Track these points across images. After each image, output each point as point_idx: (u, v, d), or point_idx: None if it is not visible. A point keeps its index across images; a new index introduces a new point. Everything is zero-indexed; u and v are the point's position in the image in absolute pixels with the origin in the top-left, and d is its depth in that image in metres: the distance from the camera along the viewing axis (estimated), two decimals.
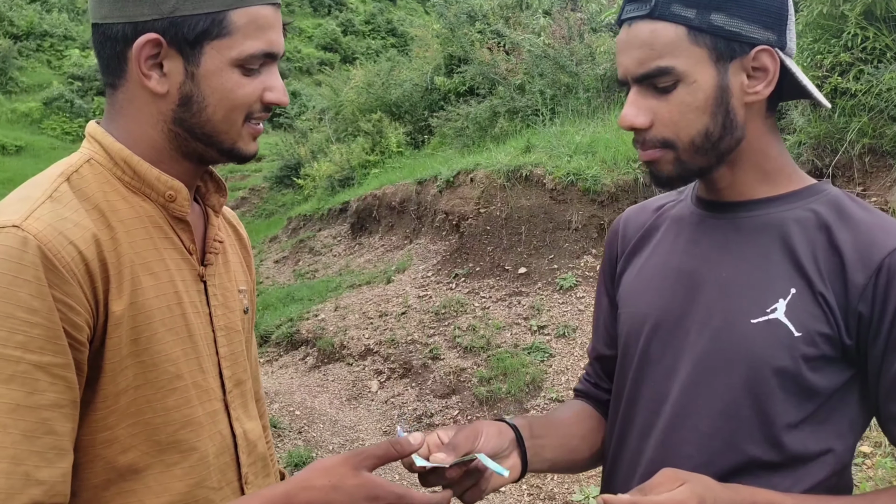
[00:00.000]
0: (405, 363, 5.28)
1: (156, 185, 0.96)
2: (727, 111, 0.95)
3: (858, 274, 0.92)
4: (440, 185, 7.05)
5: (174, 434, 0.94)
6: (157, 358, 0.92)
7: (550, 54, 8.64)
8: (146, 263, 0.93)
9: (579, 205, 6.00)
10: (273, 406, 4.91)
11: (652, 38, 0.93)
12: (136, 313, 0.91)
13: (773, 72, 0.94)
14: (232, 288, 1.09)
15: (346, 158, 10.66)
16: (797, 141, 4.77)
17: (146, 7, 0.91)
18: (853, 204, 0.98)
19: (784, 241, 0.97)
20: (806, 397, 0.95)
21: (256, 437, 1.09)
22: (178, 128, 0.96)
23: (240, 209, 14.56)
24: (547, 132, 7.28)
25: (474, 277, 6.09)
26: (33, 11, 27.23)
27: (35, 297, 0.81)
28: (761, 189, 1.01)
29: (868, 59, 4.40)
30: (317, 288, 7.31)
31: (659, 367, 1.05)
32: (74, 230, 0.86)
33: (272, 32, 0.96)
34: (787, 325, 0.94)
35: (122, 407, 0.90)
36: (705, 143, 0.96)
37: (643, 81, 0.95)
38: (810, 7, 4.65)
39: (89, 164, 0.95)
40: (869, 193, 4.45)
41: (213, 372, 1.02)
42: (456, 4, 10.98)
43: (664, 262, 1.08)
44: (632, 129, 0.98)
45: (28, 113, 21.96)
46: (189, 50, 0.92)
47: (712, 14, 0.91)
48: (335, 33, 34.70)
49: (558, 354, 4.96)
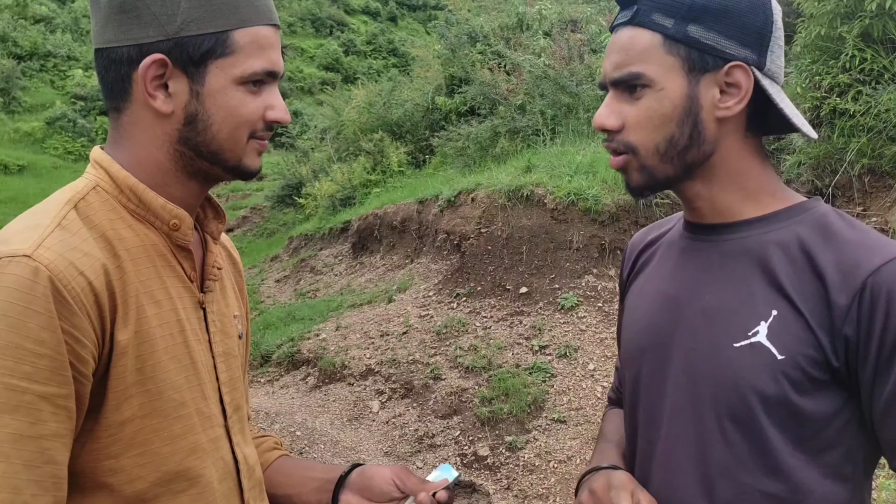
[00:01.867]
0: (406, 383, 5.27)
1: (161, 214, 0.97)
2: (695, 122, 0.95)
3: (841, 295, 0.90)
4: (441, 204, 7.08)
5: (182, 462, 0.94)
6: (162, 386, 0.93)
7: (551, 75, 8.71)
8: (150, 292, 0.94)
9: (580, 225, 6.02)
10: (274, 427, 4.88)
11: (629, 43, 0.96)
12: (141, 342, 0.91)
13: (745, 89, 0.94)
14: (228, 314, 1.10)
15: (347, 178, 10.70)
16: (797, 161, 4.80)
17: (151, 29, 0.92)
18: (841, 222, 0.96)
19: (764, 264, 0.96)
20: (797, 423, 0.93)
21: (254, 462, 1.10)
22: (184, 147, 0.97)
23: (241, 228, 14.60)
24: (548, 152, 7.32)
25: (476, 297, 6.09)
26: (37, 32, 27.42)
27: (44, 328, 0.81)
28: (744, 209, 1.00)
29: (866, 81, 4.44)
30: (318, 307, 7.30)
31: (649, 391, 1.05)
32: (84, 260, 0.86)
33: (273, 52, 0.98)
34: (769, 348, 0.92)
35: (128, 436, 0.90)
36: (669, 151, 0.97)
37: (618, 85, 0.98)
38: (809, 29, 4.70)
39: (95, 192, 0.95)
40: (869, 213, 4.46)
41: (215, 398, 1.02)
42: (457, 25, 11.08)
43: (655, 288, 1.09)
44: (603, 129, 1.00)
45: (31, 132, 22.01)
46: (194, 69, 0.93)
47: (689, 25, 0.93)
48: (337, 53, 34.99)
49: (560, 374, 4.95)
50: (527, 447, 4.42)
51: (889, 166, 4.38)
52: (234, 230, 14.53)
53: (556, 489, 4.03)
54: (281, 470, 1.20)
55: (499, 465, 4.33)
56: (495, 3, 12.55)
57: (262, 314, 7.98)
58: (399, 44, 35.14)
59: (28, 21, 28.04)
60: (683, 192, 1.02)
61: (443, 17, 13.33)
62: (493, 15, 11.70)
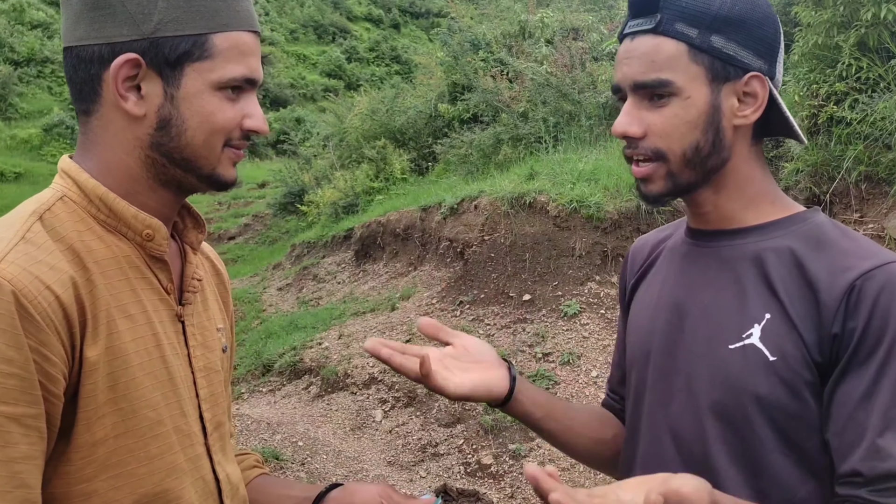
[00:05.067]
0: (409, 392, 5.30)
1: (133, 224, 0.93)
2: (717, 130, 0.99)
3: (831, 295, 0.93)
4: (444, 212, 7.11)
5: (159, 483, 0.90)
6: (137, 404, 0.89)
7: (553, 82, 8.75)
8: (122, 306, 0.89)
9: (583, 232, 6.05)
10: (275, 437, 4.90)
11: (655, 50, 0.98)
12: (113, 358, 0.87)
13: (762, 98, 0.99)
14: (210, 327, 1.06)
15: (350, 185, 10.73)
16: (795, 168, 4.83)
17: (126, 27, 0.89)
18: (836, 231, 0.99)
19: (760, 269, 0.99)
20: (790, 425, 0.95)
21: (237, 481, 1.06)
22: (156, 153, 0.93)
23: (243, 236, 14.62)
24: (550, 159, 7.36)
25: (479, 304, 6.12)
26: (34, 38, 27.10)
27: (10, 346, 0.77)
28: (746, 216, 1.04)
29: (862, 89, 4.48)
30: (320, 316, 7.33)
31: (655, 395, 1.08)
32: (50, 274, 0.82)
33: (253, 59, 0.95)
34: (762, 349, 0.96)
35: (101, 458, 0.86)
36: (695, 158, 0.99)
37: (640, 90, 0.99)
38: (806, 38, 4.74)
39: (62, 202, 0.91)
40: (866, 220, 4.49)
41: (195, 415, 0.98)
42: (459, 33, 11.11)
43: (658, 293, 1.12)
44: (624, 137, 1.02)
45: (28, 139, 21.73)
46: (169, 71, 0.90)
47: (713, 35, 0.96)
48: (339, 60, 35.09)
49: (563, 382, 4.97)
50: (531, 455, 4.44)
51: (885, 173, 4.41)
52: (235, 238, 14.56)
53: None
54: (260, 489, 1.17)
55: (502, 473, 4.36)
56: (498, 11, 12.61)
57: (263, 323, 8.01)
58: (402, 51, 35.27)
59: (25, 27, 27.73)
60: (694, 198, 1.05)
61: (445, 25, 13.36)
62: (496, 23, 11.75)
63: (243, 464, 1.20)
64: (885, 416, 0.88)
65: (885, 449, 0.88)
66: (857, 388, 0.91)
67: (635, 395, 1.13)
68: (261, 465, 1.23)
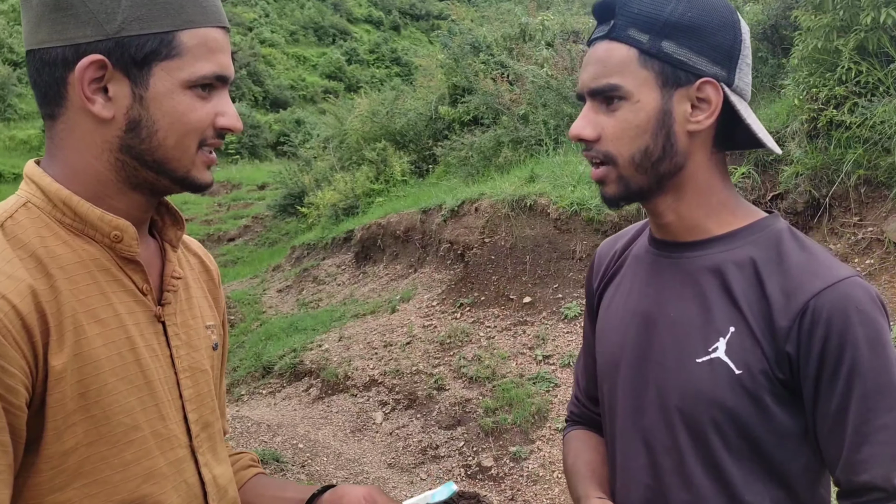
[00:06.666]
0: (410, 394, 5.31)
1: (99, 226, 0.90)
2: (668, 135, 1.00)
3: (784, 318, 0.95)
4: (445, 214, 7.13)
5: (136, 490, 0.88)
6: (110, 410, 0.87)
7: (553, 85, 8.77)
8: (91, 311, 0.87)
9: (583, 234, 6.07)
10: (276, 439, 4.90)
11: (606, 56, 1.00)
12: (82, 365, 0.85)
13: (715, 104, 0.99)
14: (196, 325, 1.04)
15: (350, 187, 10.74)
16: (794, 172, 4.85)
17: (89, 28, 0.86)
18: (792, 242, 1.01)
19: (723, 282, 1.01)
20: (758, 435, 0.98)
21: (227, 482, 1.03)
22: (126, 156, 0.90)
23: (243, 237, 14.63)
24: (550, 162, 7.38)
25: (479, 307, 6.13)
26: None
27: None
28: (708, 225, 1.04)
29: (862, 93, 4.50)
30: (320, 318, 7.33)
31: (627, 408, 1.10)
32: (7, 283, 0.80)
33: (223, 55, 0.92)
34: (727, 363, 0.98)
35: (73, 467, 0.84)
36: (644, 162, 1.00)
37: (595, 96, 1.02)
38: (806, 42, 4.76)
39: (25, 209, 0.89)
40: (865, 223, 4.51)
41: (177, 417, 0.96)
42: (460, 35, 11.13)
43: (625, 303, 1.13)
44: (579, 139, 1.04)
45: (27, 140, 21.71)
46: (136, 72, 0.87)
47: (664, 41, 0.97)
48: (339, 62, 35.15)
49: (564, 384, 4.98)
50: (531, 457, 4.45)
51: (884, 177, 4.43)
52: (235, 239, 14.57)
53: (560, 500, 4.06)
54: (254, 490, 1.15)
55: (503, 475, 4.36)
56: (498, 14, 12.64)
57: (263, 325, 8.01)
58: (402, 53, 35.31)
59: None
60: (655, 206, 1.06)
61: (446, 27, 13.40)
62: (496, 25, 11.78)
63: (238, 464, 1.18)
64: (857, 431, 0.94)
65: (861, 463, 0.94)
66: (829, 408, 0.95)
67: (609, 408, 1.15)
68: (256, 464, 1.21)
